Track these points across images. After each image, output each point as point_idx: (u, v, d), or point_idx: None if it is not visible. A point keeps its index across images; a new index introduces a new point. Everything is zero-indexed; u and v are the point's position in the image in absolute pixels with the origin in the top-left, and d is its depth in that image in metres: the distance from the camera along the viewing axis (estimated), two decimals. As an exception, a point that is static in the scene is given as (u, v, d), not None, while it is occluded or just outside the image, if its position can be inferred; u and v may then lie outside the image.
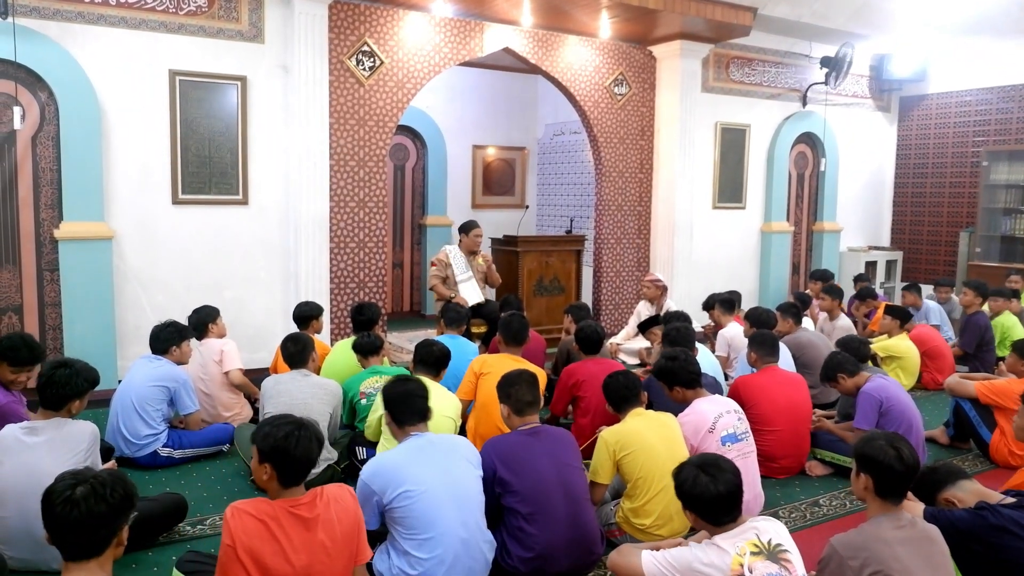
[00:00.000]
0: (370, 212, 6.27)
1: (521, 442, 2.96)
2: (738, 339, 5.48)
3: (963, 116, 9.19)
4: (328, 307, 6.01)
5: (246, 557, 2.15)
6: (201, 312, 4.70)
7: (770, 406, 3.97)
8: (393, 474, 2.67)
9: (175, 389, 4.09)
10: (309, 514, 2.25)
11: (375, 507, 2.67)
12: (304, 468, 2.29)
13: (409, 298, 9.07)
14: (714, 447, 3.27)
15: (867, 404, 3.96)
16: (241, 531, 2.17)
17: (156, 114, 5.44)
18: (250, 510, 2.21)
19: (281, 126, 5.85)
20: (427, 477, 2.68)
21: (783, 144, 8.56)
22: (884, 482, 2.27)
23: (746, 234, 8.54)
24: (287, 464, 2.25)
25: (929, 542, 2.26)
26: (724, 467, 2.19)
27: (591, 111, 7.38)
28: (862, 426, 3.93)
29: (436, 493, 2.67)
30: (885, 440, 2.31)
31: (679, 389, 3.52)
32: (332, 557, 2.26)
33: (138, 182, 5.42)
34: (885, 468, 2.26)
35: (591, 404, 4.01)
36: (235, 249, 5.78)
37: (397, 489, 2.63)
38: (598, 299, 7.73)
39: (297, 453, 2.25)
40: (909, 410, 3.97)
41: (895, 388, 4.04)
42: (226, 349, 4.59)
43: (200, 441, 4.20)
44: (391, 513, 2.65)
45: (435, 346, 3.85)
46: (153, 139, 5.44)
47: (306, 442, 2.29)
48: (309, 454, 2.29)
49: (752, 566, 2.08)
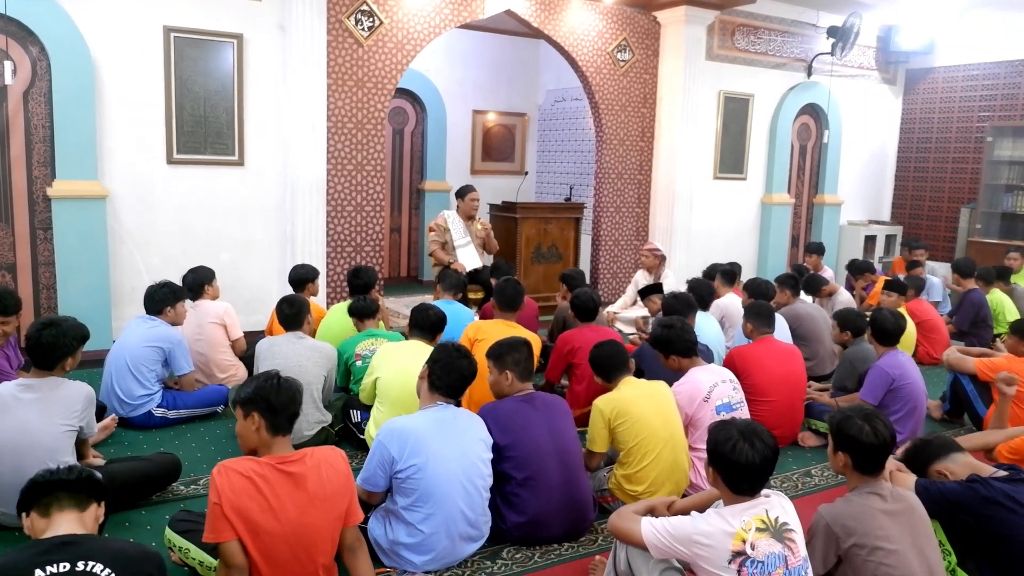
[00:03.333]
0: (368, 176, 6.21)
1: (517, 408, 2.96)
2: (732, 308, 5.46)
3: (969, 90, 9.08)
4: (324, 270, 5.98)
5: (233, 514, 2.15)
6: (198, 272, 4.67)
7: (765, 377, 3.98)
8: (413, 441, 2.65)
9: (170, 350, 4.08)
10: (297, 470, 2.25)
11: (388, 471, 2.65)
12: (290, 411, 2.30)
13: (406, 263, 9.04)
14: (708, 416, 3.27)
15: (878, 379, 3.94)
16: (228, 488, 2.16)
17: (150, 72, 5.34)
18: (237, 467, 2.21)
19: (278, 86, 5.76)
20: (445, 453, 2.67)
21: (786, 115, 8.47)
22: (862, 459, 2.30)
23: (746, 205, 8.49)
24: (272, 406, 2.27)
25: (912, 512, 2.29)
26: (766, 439, 2.15)
27: (593, 77, 7.28)
28: (866, 399, 3.93)
29: (450, 471, 2.66)
30: (860, 416, 2.33)
31: (675, 357, 3.52)
32: (321, 513, 2.27)
33: (132, 141, 5.35)
34: (862, 446, 2.29)
35: (586, 371, 3.95)
36: (231, 211, 5.73)
37: (413, 459, 2.62)
38: (596, 267, 7.71)
39: (281, 396, 2.28)
40: (918, 390, 3.96)
41: (910, 367, 4.01)
42: (230, 319, 4.58)
43: (194, 402, 4.20)
44: (399, 481, 2.65)
45: (431, 310, 3.84)
46: (147, 97, 5.36)
47: (288, 385, 2.33)
48: (293, 396, 2.32)
49: (755, 543, 2.06)
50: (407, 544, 2.66)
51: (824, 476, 3.80)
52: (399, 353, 3.61)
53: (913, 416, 3.92)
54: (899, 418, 3.85)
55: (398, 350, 3.67)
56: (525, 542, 2.94)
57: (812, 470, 3.87)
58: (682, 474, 3.16)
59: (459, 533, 2.71)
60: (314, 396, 3.74)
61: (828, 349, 5.15)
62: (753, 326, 4.25)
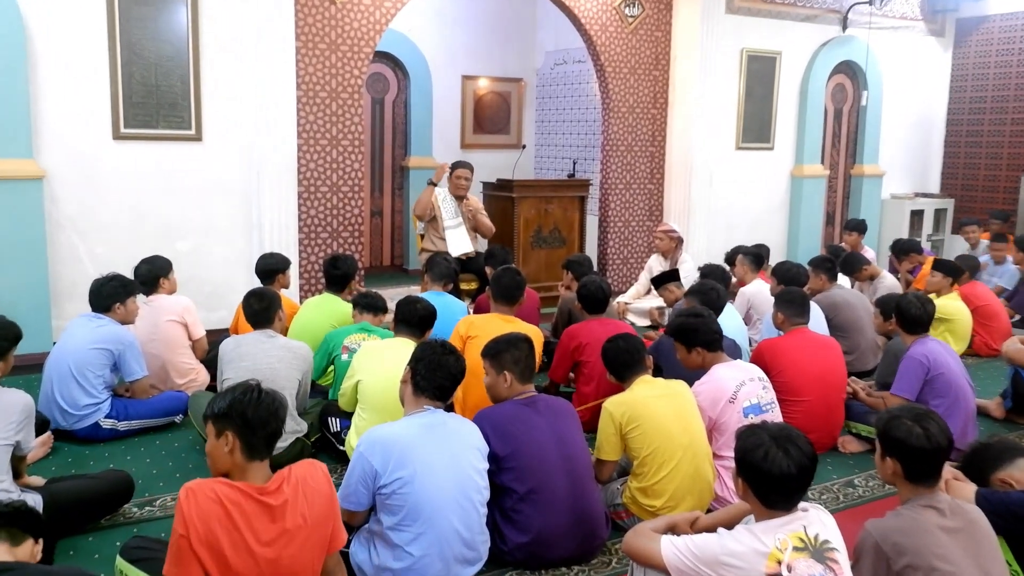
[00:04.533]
0: (344, 152, 6.17)
1: (517, 413, 2.95)
2: (761, 297, 5.46)
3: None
4: (296, 260, 5.96)
5: (202, 548, 2.10)
6: (152, 263, 4.64)
7: (798, 373, 3.96)
8: (398, 452, 2.62)
9: (120, 352, 4.05)
10: (276, 502, 2.21)
11: (370, 486, 2.62)
12: (269, 429, 2.24)
13: (390, 250, 9.03)
14: (735, 420, 3.26)
15: (911, 370, 3.94)
16: (197, 517, 2.10)
17: (92, 34, 5.29)
18: (208, 492, 2.14)
19: (239, 50, 5.71)
20: (435, 463, 2.64)
21: (819, 75, 8.43)
22: (913, 466, 2.27)
23: (774, 179, 8.46)
24: (250, 424, 2.20)
25: (974, 527, 2.25)
26: (801, 446, 2.12)
27: (598, 36, 7.24)
28: (901, 393, 3.93)
29: (441, 483, 2.64)
30: (910, 417, 2.30)
31: (699, 351, 3.50)
32: (301, 549, 2.23)
33: (73, 114, 5.31)
34: (913, 451, 2.25)
35: (595, 370, 4.00)
36: (188, 192, 5.70)
37: (399, 471, 2.59)
38: (604, 252, 7.70)
39: (260, 412, 2.22)
40: (959, 380, 3.96)
41: (946, 354, 4.02)
42: (190, 317, 4.56)
43: (149, 411, 4.18)
44: (384, 498, 2.62)
45: (419, 304, 3.83)
46: (90, 64, 5.31)
47: (269, 399, 2.26)
48: (275, 412, 2.25)
49: (792, 564, 2.03)
50: (395, 570, 2.64)
51: (869, 486, 3.79)
52: (383, 352, 3.60)
53: (958, 413, 3.89)
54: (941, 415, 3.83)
55: (382, 349, 3.65)
56: (529, 565, 2.92)
57: (855, 479, 3.86)
58: (705, 485, 3.15)
59: (454, 555, 2.68)
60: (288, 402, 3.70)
61: (870, 341, 5.14)
62: (784, 316, 4.23)
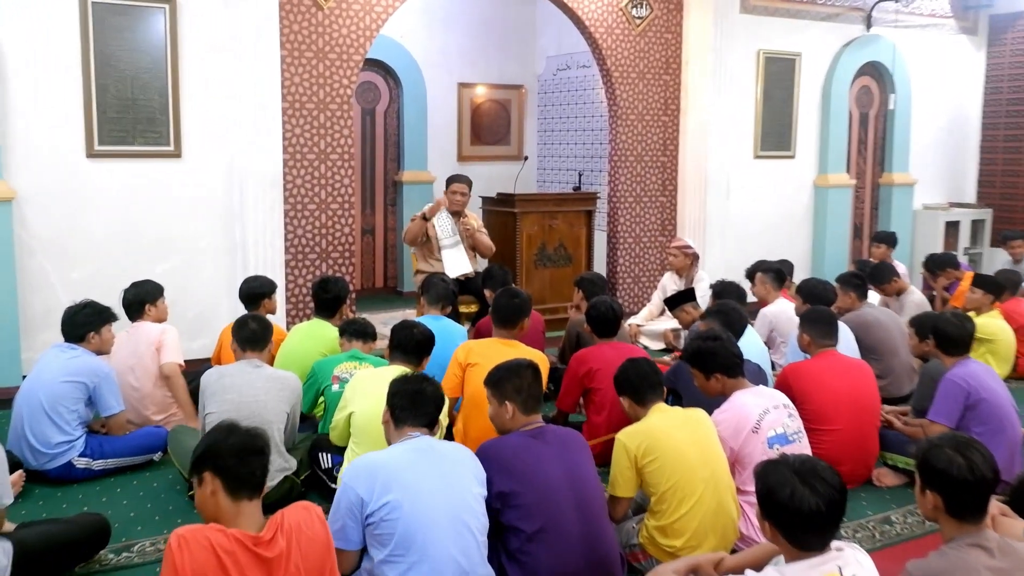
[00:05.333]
0: (333, 166, 6.22)
1: (524, 446, 2.95)
2: (783, 317, 5.46)
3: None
4: (283, 283, 5.98)
5: None
6: (142, 288, 4.67)
7: (828, 399, 3.96)
8: (384, 475, 2.64)
9: (95, 385, 4.06)
10: (271, 553, 2.22)
11: (359, 518, 2.63)
12: (251, 467, 2.27)
13: (383, 271, 9.04)
14: (759, 451, 3.25)
15: (950, 394, 3.92)
16: (190, 568, 2.11)
17: (65, 46, 5.34)
18: (202, 540, 2.16)
19: (221, 60, 5.77)
20: (424, 487, 2.66)
21: (842, 77, 8.48)
22: (956, 500, 2.25)
23: (796, 189, 8.49)
24: (227, 462, 2.24)
25: None
26: (828, 479, 2.12)
27: (603, 39, 7.30)
28: (940, 420, 3.91)
29: (432, 508, 2.64)
30: (951, 446, 2.28)
31: (718, 377, 3.50)
32: None
33: (44, 131, 5.35)
34: (955, 483, 2.23)
35: (607, 398, 4.00)
36: (167, 213, 5.73)
37: (386, 495, 2.60)
38: (614, 270, 7.71)
39: (231, 441, 2.27)
40: (1003, 405, 3.94)
41: (988, 377, 4.00)
42: (167, 337, 4.56)
43: (126, 449, 4.19)
44: (373, 527, 2.63)
45: (415, 328, 3.84)
46: (62, 77, 5.36)
47: (246, 435, 2.31)
48: (253, 447, 2.29)
49: None
50: (390, 608, 2.64)
51: (908, 523, 3.77)
52: (377, 381, 3.58)
53: (1003, 441, 3.87)
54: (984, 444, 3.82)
55: (375, 378, 3.64)
56: (538, 610, 2.91)
57: (893, 516, 3.84)
58: (729, 522, 3.13)
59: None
60: (275, 438, 3.71)
61: (905, 363, 5.13)
62: (811, 337, 4.23)
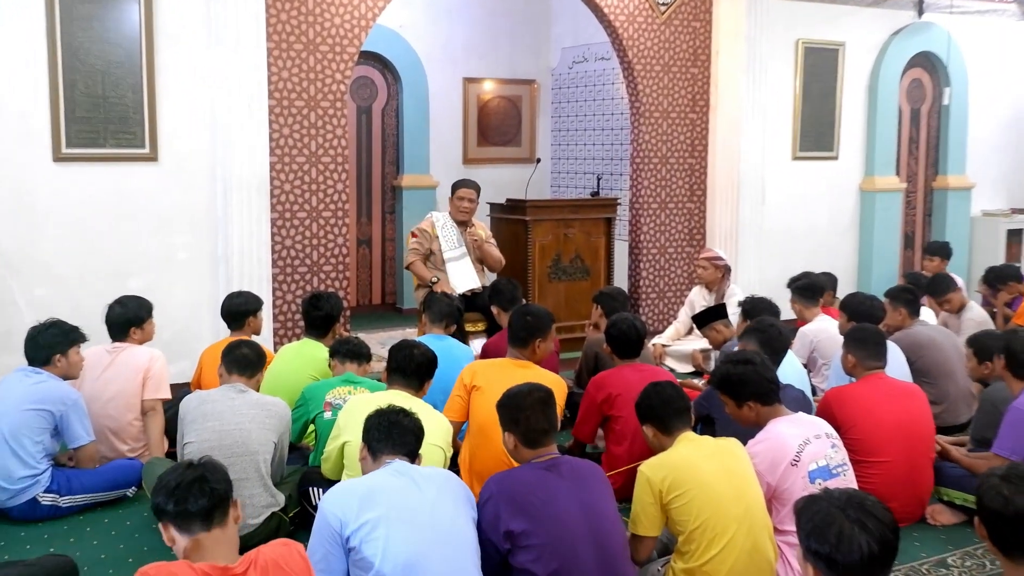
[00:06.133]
0: (325, 170, 6.23)
1: (537, 480, 2.96)
2: (825, 336, 5.44)
3: None
4: (270, 299, 5.99)
5: None
6: (128, 307, 4.67)
7: (876, 428, 3.95)
8: (362, 491, 2.70)
9: (62, 413, 4.07)
10: None
11: (339, 540, 2.67)
12: (200, 504, 2.30)
13: (380, 286, 9.05)
14: (800, 486, 3.24)
15: (1018, 424, 3.88)
16: None
17: (27, 39, 5.36)
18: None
19: (201, 53, 5.79)
20: (406, 505, 2.71)
21: (890, 69, 8.47)
22: (997, 534, 2.27)
23: (840, 194, 8.47)
24: (170, 506, 2.28)
25: None
26: (880, 516, 2.08)
27: (624, 29, 7.31)
28: (1004, 453, 3.87)
29: (417, 531, 2.67)
30: (1000, 475, 2.29)
31: (751, 405, 3.49)
32: None
33: (4, 134, 5.37)
34: (993, 516, 2.25)
35: (628, 426, 4.00)
36: (142, 221, 5.75)
37: (367, 513, 2.65)
38: (636, 284, 7.70)
39: (170, 479, 2.32)
40: None
41: None
42: (156, 368, 4.54)
43: (96, 483, 4.19)
44: (354, 554, 2.66)
45: (416, 349, 3.85)
46: (25, 73, 5.38)
47: (193, 471, 2.34)
48: (193, 478, 2.32)
49: None
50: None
51: (967, 567, 3.74)
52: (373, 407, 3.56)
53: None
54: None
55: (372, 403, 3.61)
56: (552, 664, 2.89)
57: (949, 558, 3.81)
58: (766, 565, 3.12)
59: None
60: (261, 471, 3.72)
61: (962, 388, 5.10)
62: (857, 359, 4.21)
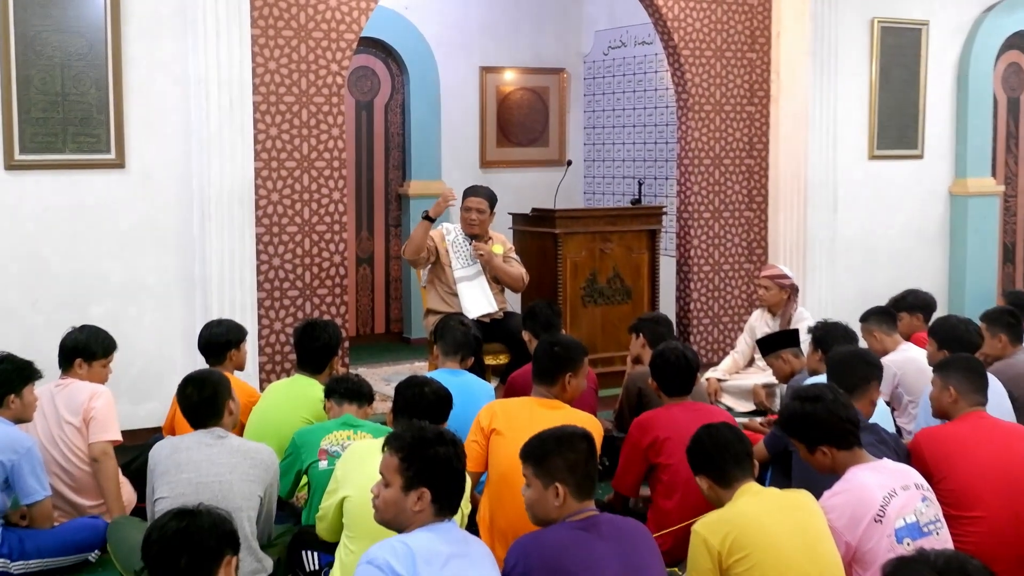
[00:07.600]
0: (320, 176, 6.27)
1: (573, 542, 2.95)
2: (912, 368, 5.41)
3: None
4: (255, 329, 6.01)
5: None
6: (85, 335, 4.67)
7: (975, 476, 3.89)
8: (425, 557, 2.67)
9: (14, 463, 4.05)
10: None
11: None
12: (195, 556, 2.33)
13: (383, 312, 9.06)
14: (885, 546, 3.21)
15: None
16: None
17: (-21, 28, 5.46)
18: None
19: (175, 43, 5.85)
20: None
21: (984, 52, 8.46)
22: None
23: (926, 198, 8.45)
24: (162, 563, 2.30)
25: None
26: None
27: (668, 8, 7.34)
28: None
29: None
30: None
31: (825, 450, 3.47)
32: None
33: (-48, 137, 5.46)
34: None
35: (678, 476, 3.98)
36: (107, 239, 5.79)
37: None
38: (686, 308, 7.69)
39: (149, 550, 2.33)
40: None
41: None
42: (98, 405, 4.49)
43: (54, 546, 4.18)
44: None
45: (427, 387, 3.85)
46: (-26, 68, 5.47)
47: (182, 525, 2.38)
48: (179, 534, 2.35)
49: None
50: None
51: (1085, 639, 3.70)
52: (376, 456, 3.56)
53: None
54: None
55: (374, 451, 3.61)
56: None
57: (1065, 632, 3.77)
58: (846, 640, 3.10)
59: None
60: (246, 531, 3.71)
61: (1075, 427, 5.04)
62: (955, 394, 4.17)
